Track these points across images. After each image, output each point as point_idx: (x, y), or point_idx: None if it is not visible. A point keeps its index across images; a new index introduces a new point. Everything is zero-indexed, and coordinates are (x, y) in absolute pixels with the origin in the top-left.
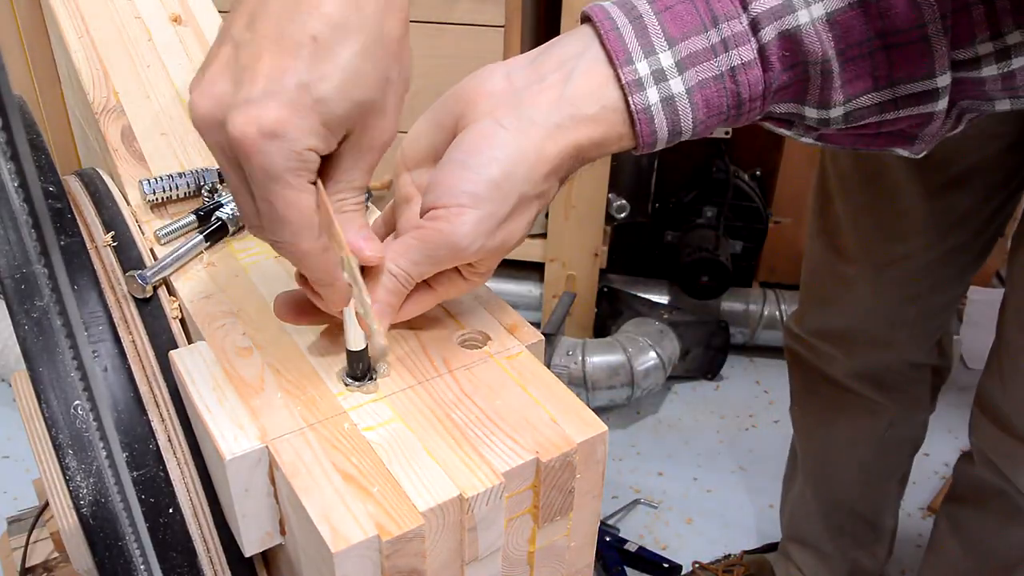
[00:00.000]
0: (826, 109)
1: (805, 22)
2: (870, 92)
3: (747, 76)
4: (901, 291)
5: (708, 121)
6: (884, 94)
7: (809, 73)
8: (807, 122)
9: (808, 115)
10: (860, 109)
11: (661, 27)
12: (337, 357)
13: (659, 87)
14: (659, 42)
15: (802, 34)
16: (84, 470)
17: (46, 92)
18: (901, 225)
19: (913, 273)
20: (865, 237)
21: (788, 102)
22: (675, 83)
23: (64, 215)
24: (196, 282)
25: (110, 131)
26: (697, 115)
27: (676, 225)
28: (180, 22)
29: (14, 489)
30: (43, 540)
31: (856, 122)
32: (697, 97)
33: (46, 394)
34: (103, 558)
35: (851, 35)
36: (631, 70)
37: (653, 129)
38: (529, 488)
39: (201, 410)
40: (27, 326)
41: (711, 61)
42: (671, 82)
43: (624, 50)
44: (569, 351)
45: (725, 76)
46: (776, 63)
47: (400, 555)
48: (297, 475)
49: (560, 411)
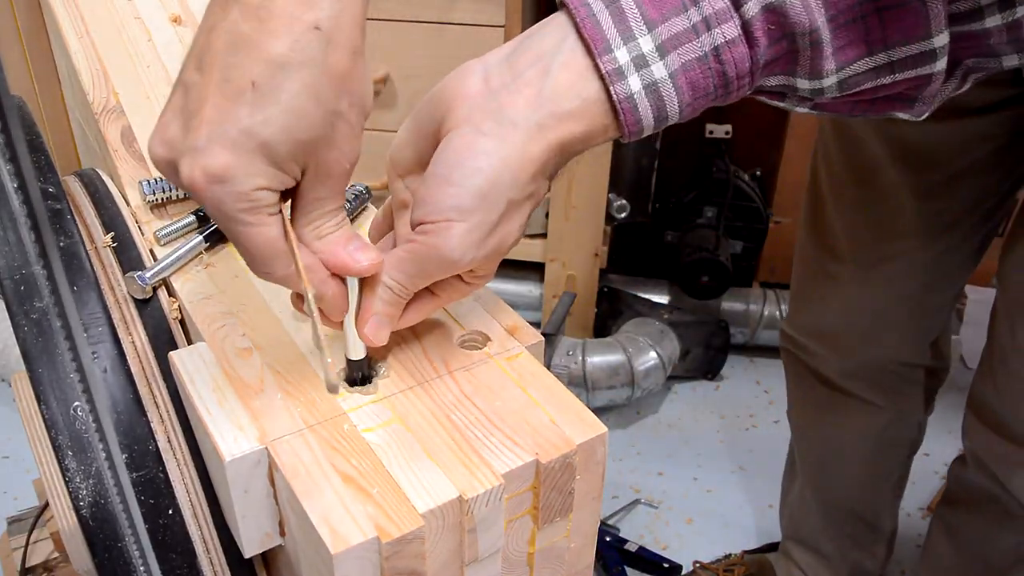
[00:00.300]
0: (818, 79)
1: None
2: (864, 58)
3: (732, 54)
4: (892, 291)
5: (695, 103)
6: (879, 59)
7: (798, 44)
8: (799, 93)
9: (800, 86)
10: (854, 76)
11: (639, 10)
12: (337, 358)
13: (641, 74)
14: (638, 26)
15: (787, 5)
16: (83, 471)
17: (46, 92)
18: (892, 225)
19: (904, 273)
20: (856, 237)
21: (778, 75)
22: (657, 68)
23: (64, 216)
24: (196, 283)
25: (110, 131)
26: (683, 99)
27: (676, 225)
28: (180, 22)
29: (14, 489)
30: (43, 540)
31: (850, 89)
32: (681, 80)
33: (45, 395)
34: (102, 559)
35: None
36: (610, 59)
37: (638, 118)
38: (529, 489)
39: (201, 411)
40: (27, 327)
41: (693, 42)
42: (653, 67)
43: (602, 38)
44: (569, 351)
45: (709, 56)
46: (762, 38)
47: (400, 557)
48: (297, 476)
49: (560, 412)
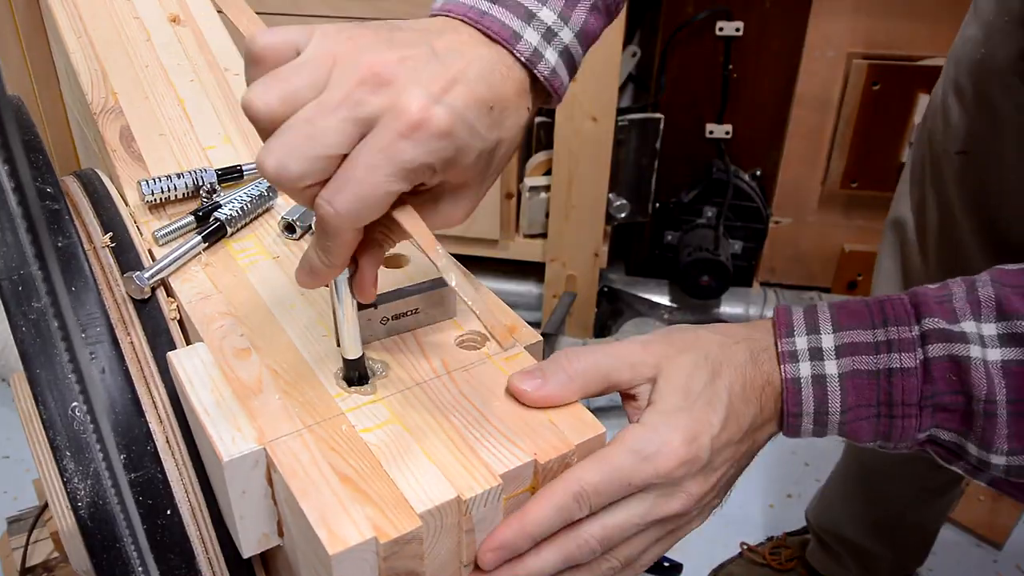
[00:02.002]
0: (987, 451)
1: (976, 357)
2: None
3: (903, 381)
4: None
5: (856, 411)
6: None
7: (973, 407)
8: (969, 459)
9: (970, 451)
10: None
11: (831, 315)
12: (335, 358)
13: (813, 364)
14: (825, 325)
15: (970, 365)
16: (82, 472)
17: (44, 92)
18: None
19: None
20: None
21: (952, 431)
22: (830, 364)
23: (62, 216)
24: (194, 283)
25: (108, 131)
26: (846, 400)
27: (676, 225)
28: (179, 22)
29: (14, 489)
30: (43, 540)
31: (1018, 478)
32: (848, 383)
33: (43, 396)
34: (100, 560)
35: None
36: (789, 342)
37: (799, 400)
38: (527, 490)
39: (199, 411)
40: (24, 328)
41: (870, 356)
42: (826, 363)
43: (788, 324)
44: None
45: (881, 374)
46: (940, 381)
47: (398, 557)
48: (295, 477)
49: (558, 412)
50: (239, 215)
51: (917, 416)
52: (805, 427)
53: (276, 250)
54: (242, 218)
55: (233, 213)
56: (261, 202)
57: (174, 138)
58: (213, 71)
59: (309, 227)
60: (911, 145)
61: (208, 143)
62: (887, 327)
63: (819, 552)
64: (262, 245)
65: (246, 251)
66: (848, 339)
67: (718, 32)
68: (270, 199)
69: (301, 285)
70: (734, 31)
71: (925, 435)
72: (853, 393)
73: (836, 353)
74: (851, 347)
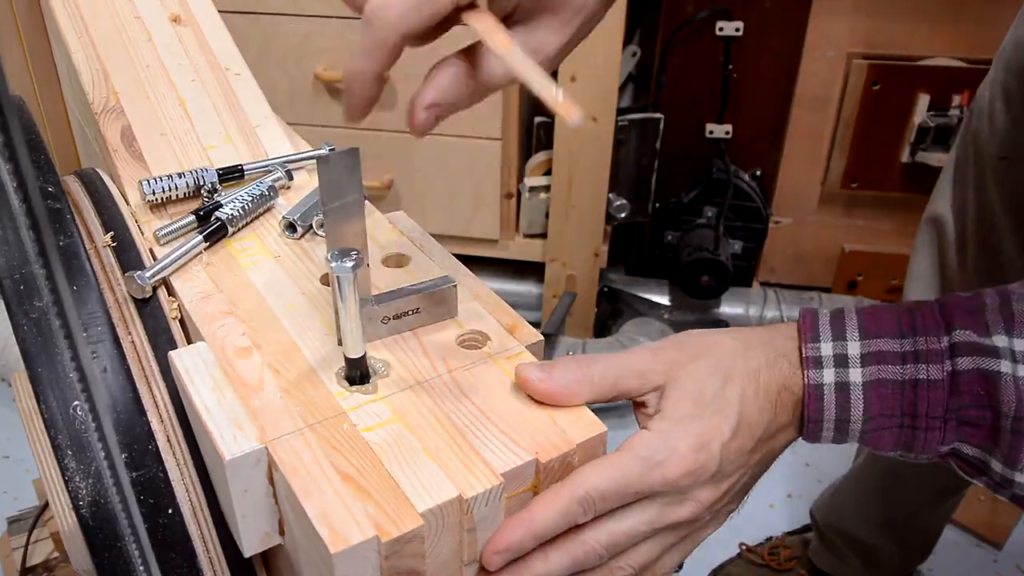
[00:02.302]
0: (1011, 468)
1: (1007, 373)
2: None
3: (929, 392)
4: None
5: (879, 420)
6: None
7: (1000, 423)
8: (993, 475)
9: (994, 468)
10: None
11: (859, 322)
12: (336, 357)
13: (837, 371)
14: (852, 332)
15: (1000, 380)
16: (83, 471)
17: (45, 92)
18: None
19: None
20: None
21: (976, 446)
22: (854, 372)
23: (63, 215)
24: (195, 282)
25: (110, 131)
26: (869, 409)
27: (676, 225)
28: (180, 22)
29: (14, 489)
30: (43, 540)
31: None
32: (872, 392)
33: (45, 395)
34: (102, 559)
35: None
36: (814, 347)
37: (821, 406)
38: (528, 489)
39: (200, 410)
40: (26, 327)
41: (896, 366)
42: (851, 370)
43: (814, 330)
44: (569, 351)
45: (906, 385)
46: (966, 395)
47: (399, 556)
48: (296, 476)
49: (559, 411)
50: (240, 214)
51: (941, 429)
52: (826, 434)
53: (277, 249)
54: (243, 217)
55: (234, 212)
56: (262, 201)
57: (175, 138)
58: (214, 71)
59: (310, 226)
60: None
61: (209, 143)
62: (915, 336)
63: (822, 550)
64: (263, 244)
65: (247, 250)
66: (875, 347)
67: (718, 32)
68: (271, 199)
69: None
70: (734, 31)
71: (948, 448)
72: (876, 402)
73: (862, 361)
74: (877, 356)
